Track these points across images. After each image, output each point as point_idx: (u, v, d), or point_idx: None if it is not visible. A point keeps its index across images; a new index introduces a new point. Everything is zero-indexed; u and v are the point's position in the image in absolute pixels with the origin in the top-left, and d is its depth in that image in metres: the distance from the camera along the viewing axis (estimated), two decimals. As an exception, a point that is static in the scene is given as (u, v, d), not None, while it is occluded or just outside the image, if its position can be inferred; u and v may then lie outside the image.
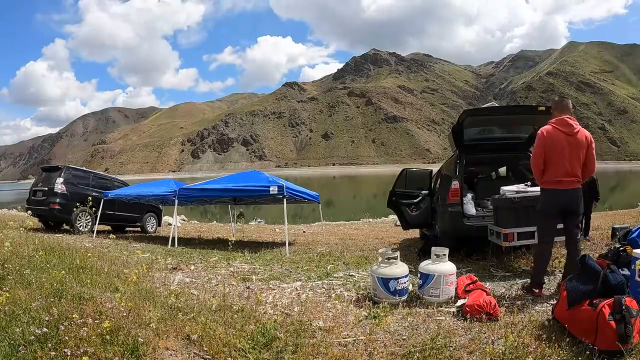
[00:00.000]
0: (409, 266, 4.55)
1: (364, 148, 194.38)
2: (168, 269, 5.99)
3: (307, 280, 5.46)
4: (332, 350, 3.03)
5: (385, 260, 4.32)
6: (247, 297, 4.44)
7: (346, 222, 18.61)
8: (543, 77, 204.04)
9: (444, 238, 6.80)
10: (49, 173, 11.37)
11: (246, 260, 7.04)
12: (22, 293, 3.40)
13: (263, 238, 12.45)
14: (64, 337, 2.62)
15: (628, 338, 2.77)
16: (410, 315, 3.86)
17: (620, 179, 62.61)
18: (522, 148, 7.05)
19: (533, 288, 4.38)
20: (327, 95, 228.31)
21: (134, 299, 3.60)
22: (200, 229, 15.37)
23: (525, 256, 6.17)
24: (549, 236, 4.47)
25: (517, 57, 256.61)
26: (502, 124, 6.88)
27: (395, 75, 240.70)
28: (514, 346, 2.94)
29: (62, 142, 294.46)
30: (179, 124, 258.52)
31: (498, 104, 7.27)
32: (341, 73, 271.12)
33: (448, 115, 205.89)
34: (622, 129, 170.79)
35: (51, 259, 4.98)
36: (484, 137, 7.16)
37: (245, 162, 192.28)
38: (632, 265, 3.50)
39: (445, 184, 6.95)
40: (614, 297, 2.92)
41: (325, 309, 4.09)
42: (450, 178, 6.80)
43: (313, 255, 7.94)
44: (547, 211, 4.36)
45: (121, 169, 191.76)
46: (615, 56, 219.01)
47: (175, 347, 2.88)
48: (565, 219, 4.35)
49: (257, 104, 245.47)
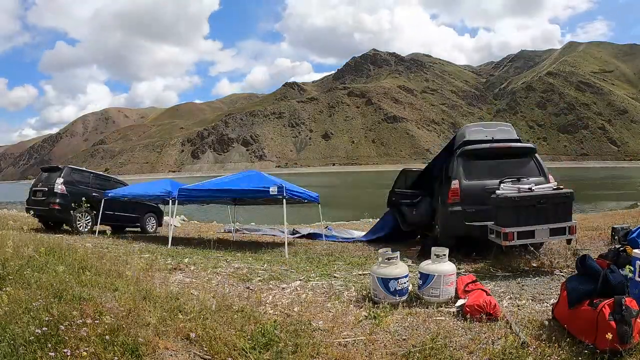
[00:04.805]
0: (409, 266, 4.56)
1: (364, 148, 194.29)
2: (168, 269, 5.98)
3: (307, 280, 5.46)
4: (332, 350, 3.02)
5: (385, 260, 4.32)
6: (247, 297, 4.44)
7: (346, 222, 18.59)
8: (543, 77, 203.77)
9: (444, 238, 6.81)
10: (49, 173, 11.38)
11: (246, 261, 7.04)
12: (22, 293, 3.40)
13: (263, 238, 12.45)
14: (64, 337, 2.62)
15: (628, 338, 2.77)
16: (410, 315, 3.86)
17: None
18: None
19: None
20: (327, 96, 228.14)
21: (134, 299, 3.60)
22: (200, 229, 15.36)
23: (524, 256, 6.17)
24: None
25: (517, 57, 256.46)
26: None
27: (395, 76, 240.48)
28: (514, 346, 2.94)
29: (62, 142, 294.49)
30: (179, 124, 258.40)
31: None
32: (341, 73, 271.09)
33: (448, 116, 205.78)
34: (622, 129, 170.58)
35: (51, 259, 4.98)
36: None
37: (245, 162, 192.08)
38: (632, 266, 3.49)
39: (445, 184, 6.96)
40: (614, 297, 2.92)
41: (325, 309, 4.09)
42: (450, 178, 6.81)
43: (313, 255, 7.94)
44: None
45: (121, 169, 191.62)
46: (615, 56, 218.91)
47: (175, 347, 2.88)
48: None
49: (257, 104, 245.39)
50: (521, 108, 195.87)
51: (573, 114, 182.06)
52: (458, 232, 6.67)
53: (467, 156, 6.81)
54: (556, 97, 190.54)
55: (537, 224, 5.41)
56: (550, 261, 5.85)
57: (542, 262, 5.86)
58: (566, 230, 5.48)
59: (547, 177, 6.56)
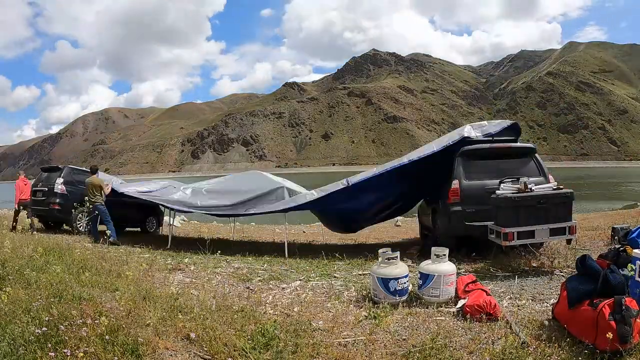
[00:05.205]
0: (409, 266, 4.56)
1: (364, 148, 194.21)
2: (168, 269, 5.98)
3: (307, 280, 5.46)
4: (332, 350, 3.02)
5: (385, 260, 4.32)
6: (247, 297, 4.44)
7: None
8: (543, 77, 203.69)
9: (444, 238, 6.81)
10: (49, 173, 11.38)
11: (246, 261, 7.05)
12: (22, 293, 3.40)
13: (263, 238, 12.45)
14: (64, 337, 2.62)
15: (628, 338, 2.77)
16: (410, 315, 3.86)
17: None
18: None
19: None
20: (327, 96, 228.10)
21: (134, 299, 3.60)
22: (200, 229, 15.36)
23: (524, 256, 6.17)
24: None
25: (517, 57, 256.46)
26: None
27: (395, 76, 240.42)
28: (514, 346, 2.94)
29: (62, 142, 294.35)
30: (179, 124, 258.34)
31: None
32: (341, 73, 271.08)
33: (448, 116, 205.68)
34: (622, 129, 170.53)
35: (51, 259, 4.98)
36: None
37: (245, 162, 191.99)
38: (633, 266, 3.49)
39: (445, 184, 6.95)
40: (614, 297, 2.92)
41: (325, 309, 4.09)
42: (450, 178, 6.80)
43: (313, 255, 7.93)
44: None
45: (121, 169, 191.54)
46: (615, 56, 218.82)
47: (175, 347, 2.88)
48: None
49: (257, 104, 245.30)
50: (521, 108, 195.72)
51: (573, 114, 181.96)
52: (458, 232, 6.67)
53: (467, 156, 6.81)
54: (556, 97, 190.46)
55: (537, 224, 5.41)
56: (550, 261, 5.85)
57: (542, 262, 5.86)
58: (566, 230, 5.48)
59: (547, 177, 6.57)
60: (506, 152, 6.90)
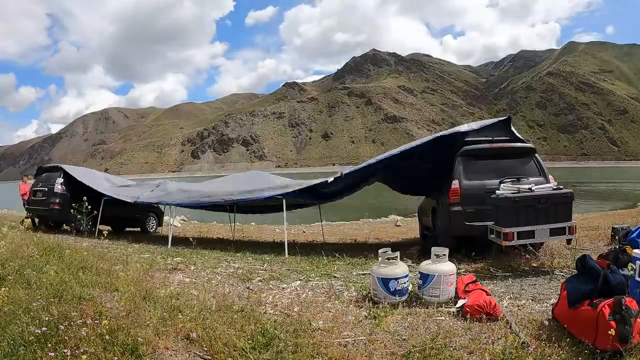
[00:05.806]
0: (409, 266, 4.56)
1: (364, 148, 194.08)
2: (168, 269, 5.98)
3: (307, 280, 5.46)
4: (332, 350, 3.02)
5: (385, 260, 4.32)
6: (247, 297, 4.44)
7: (346, 222, 18.60)
8: (543, 77, 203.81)
9: (444, 238, 6.81)
10: (49, 173, 11.36)
11: (246, 261, 7.04)
12: (22, 293, 3.40)
13: (263, 238, 12.45)
14: (63, 337, 2.62)
15: (628, 338, 2.77)
16: (410, 315, 3.86)
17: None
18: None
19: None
20: (327, 96, 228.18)
21: (134, 299, 3.60)
22: (200, 229, 15.35)
23: (524, 256, 6.17)
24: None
25: (517, 57, 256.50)
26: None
27: (395, 75, 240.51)
28: (514, 346, 2.94)
29: (62, 142, 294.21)
30: (179, 124, 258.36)
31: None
32: (341, 73, 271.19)
33: (448, 116, 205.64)
34: (622, 129, 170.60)
35: (51, 258, 4.98)
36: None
37: (245, 162, 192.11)
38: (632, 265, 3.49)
39: (445, 184, 6.95)
40: (614, 297, 2.92)
41: (325, 309, 4.09)
42: (450, 178, 6.80)
43: (313, 255, 7.93)
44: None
45: (121, 169, 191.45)
46: (615, 56, 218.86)
47: (175, 347, 2.88)
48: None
49: (257, 104, 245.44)
50: (521, 108, 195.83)
51: (573, 114, 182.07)
52: (458, 232, 6.68)
53: (467, 156, 6.81)
54: (556, 97, 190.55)
55: (537, 224, 5.41)
56: (550, 261, 5.85)
57: (542, 262, 5.86)
58: (566, 230, 5.48)
59: (547, 177, 6.57)
60: (506, 152, 6.90)
